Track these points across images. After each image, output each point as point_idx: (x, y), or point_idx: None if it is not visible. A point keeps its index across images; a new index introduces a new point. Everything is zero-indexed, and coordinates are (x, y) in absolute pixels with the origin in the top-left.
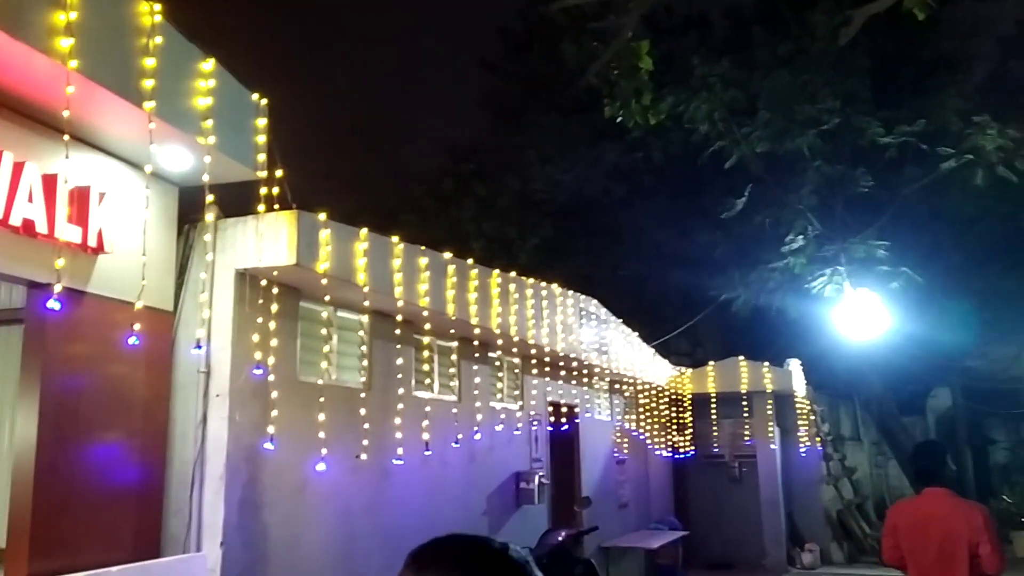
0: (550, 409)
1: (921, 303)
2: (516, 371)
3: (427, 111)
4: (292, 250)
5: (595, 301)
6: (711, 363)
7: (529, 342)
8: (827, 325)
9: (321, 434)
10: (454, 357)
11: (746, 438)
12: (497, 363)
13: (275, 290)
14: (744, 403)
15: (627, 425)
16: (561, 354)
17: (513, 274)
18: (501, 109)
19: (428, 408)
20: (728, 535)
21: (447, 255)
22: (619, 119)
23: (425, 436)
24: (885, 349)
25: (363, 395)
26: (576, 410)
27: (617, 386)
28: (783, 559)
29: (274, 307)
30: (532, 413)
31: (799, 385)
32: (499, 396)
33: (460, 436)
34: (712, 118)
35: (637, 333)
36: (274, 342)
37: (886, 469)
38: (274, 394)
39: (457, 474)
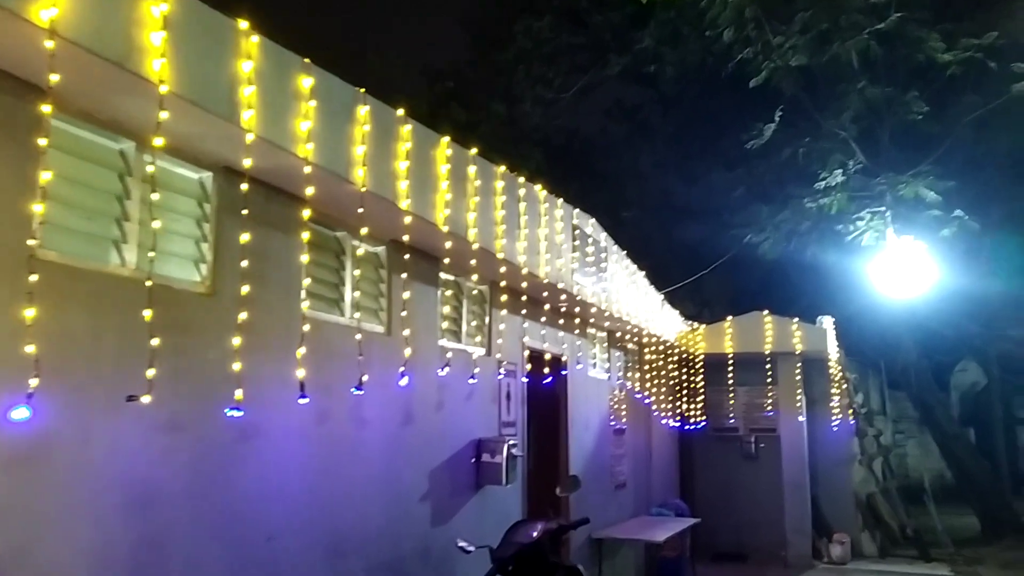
0: (527, 355)
1: (967, 257)
2: (480, 300)
3: (399, 33)
4: None
5: (593, 220)
6: (729, 318)
7: (498, 256)
8: (860, 282)
9: (83, 359)
10: (379, 268)
11: (766, 408)
12: (450, 286)
13: None
14: (767, 366)
15: (629, 386)
16: (544, 281)
17: (474, 152)
18: (486, 24)
19: (314, 330)
20: (740, 521)
21: (361, 90)
22: None
23: (300, 373)
24: (925, 311)
25: (194, 301)
26: (564, 361)
27: (618, 336)
28: (807, 551)
29: None
30: (501, 360)
31: (832, 347)
32: (453, 333)
33: (384, 384)
34: (741, 18)
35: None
36: None
37: (906, 448)
38: None
39: (380, 440)
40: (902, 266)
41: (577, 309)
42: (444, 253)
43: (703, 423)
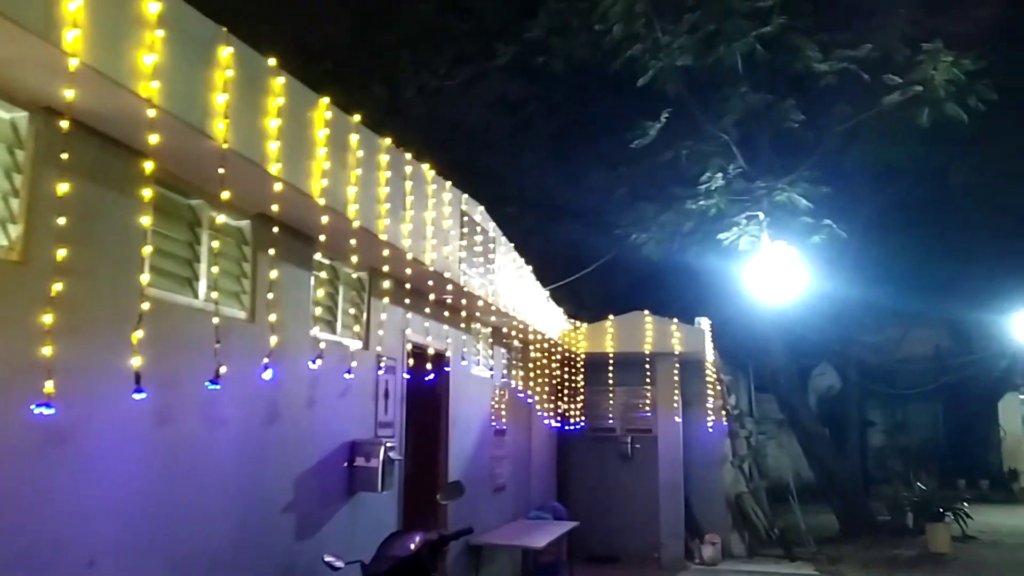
0: (408, 350)
1: (834, 264)
2: (359, 288)
3: (274, 7)
4: None
5: (482, 208)
6: (611, 317)
7: (381, 238)
8: (735, 286)
9: None
10: (242, 244)
11: (644, 409)
12: (325, 270)
13: None
14: (646, 367)
15: (512, 385)
16: (430, 269)
17: (358, 119)
18: (367, 3)
19: (156, 312)
20: (616, 523)
21: (223, 28)
22: None
23: (135, 362)
24: (793, 315)
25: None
26: (447, 357)
27: (503, 332)
28: (680, 552)
29: None
30: (381, 354)
31: (709, 348)
32: (327, 323)
33: (244, 377)
34: (631, 14)
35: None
36: None
37: (766, 449)
38: None
39: (238, 442)
40: (775, 271)
41: (463, 301)
42: (319, 231)
43: (581, 423)
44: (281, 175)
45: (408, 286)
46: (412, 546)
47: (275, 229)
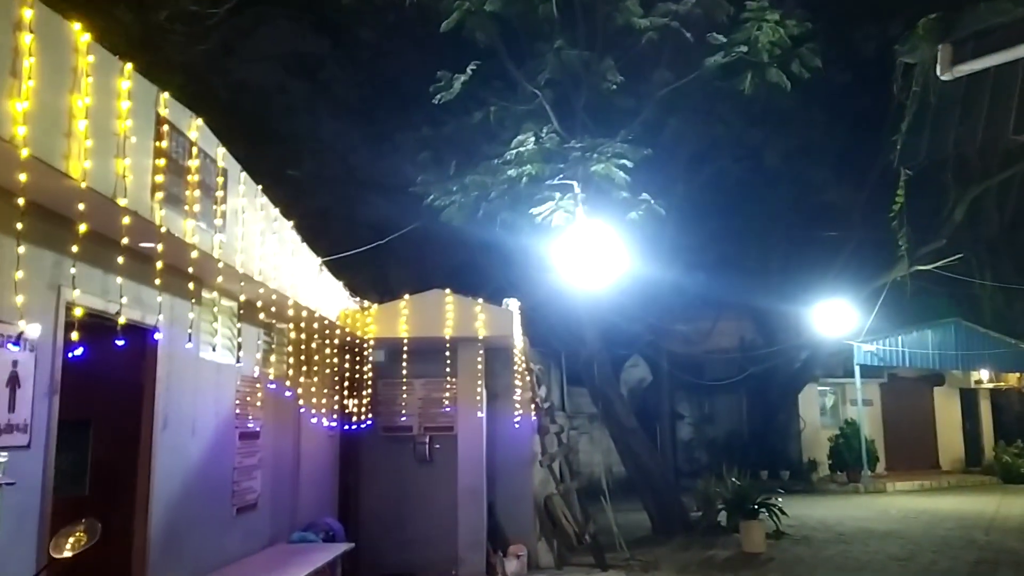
0: (64, 314)
1: (650, 246)
2: None
3: None
4: None
5: (200, 122)
6: (407, 296)
7: None
8: (548, 267)
9: None
10: None
11: (444, 404)
12: None
13: None
14: (447, 355)
15: (265, 374)
16: (81, 186)
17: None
18: None
19: None
20: (410, 536)
21: None
22: None
23: None
24: (608, 302)
25: None
26: (153, 331)
27: (245, 302)
28: (481, 567)
29: None
30: (6, 321)
31: (518, 333)
32: None
33: None
34: None
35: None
36: None
37: (577, 446)
38: None
39: None
40: (591, 252)
41: (160, 248)
42: None
43: (370, 422)
44: None
45: (66, 224)
46: None
47: None
